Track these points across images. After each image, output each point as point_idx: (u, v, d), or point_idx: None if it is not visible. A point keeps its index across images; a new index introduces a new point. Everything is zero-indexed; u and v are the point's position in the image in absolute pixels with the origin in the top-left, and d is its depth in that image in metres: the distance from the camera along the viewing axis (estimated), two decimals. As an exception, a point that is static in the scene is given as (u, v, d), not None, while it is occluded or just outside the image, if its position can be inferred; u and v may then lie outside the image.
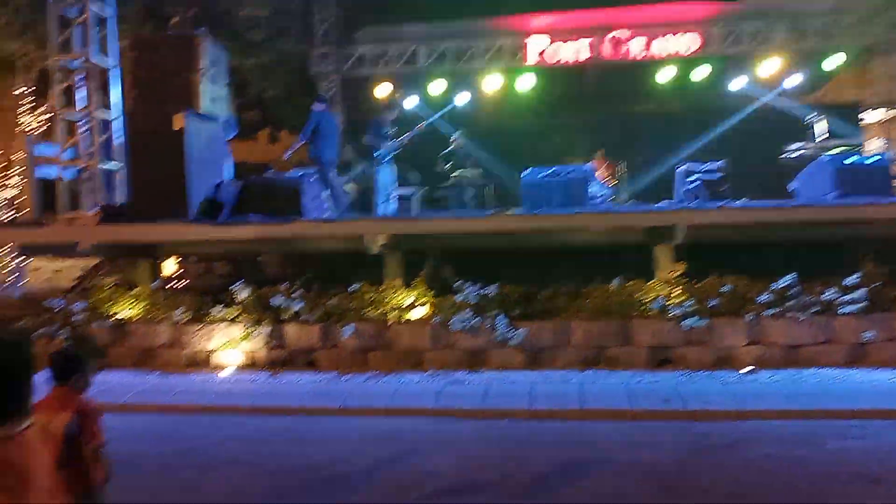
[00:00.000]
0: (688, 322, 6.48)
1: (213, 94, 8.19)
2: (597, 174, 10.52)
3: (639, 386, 6.04)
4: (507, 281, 7.16)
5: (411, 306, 7.16)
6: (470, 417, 5.53)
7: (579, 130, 13.99)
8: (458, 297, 6.96)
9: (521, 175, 8.53)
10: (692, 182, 9.02)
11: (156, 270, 8.37)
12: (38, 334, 7.19)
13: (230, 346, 7.09)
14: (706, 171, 9.00)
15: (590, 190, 8.18)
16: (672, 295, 6.68)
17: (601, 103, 14.28)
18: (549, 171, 8.11)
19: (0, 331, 1.52)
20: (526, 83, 13.06)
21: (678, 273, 6.86)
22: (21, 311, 7.89)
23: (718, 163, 9.23)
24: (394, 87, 13.35)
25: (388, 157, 9.83)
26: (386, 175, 9.88)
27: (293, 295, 7.19)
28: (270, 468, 4.46)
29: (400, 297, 7.20)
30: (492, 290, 6.95)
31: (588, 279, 7.13)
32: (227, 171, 8.77)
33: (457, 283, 7.06)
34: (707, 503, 3.82)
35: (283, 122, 15.07)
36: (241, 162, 9.62)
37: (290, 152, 9.32)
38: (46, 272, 14.68)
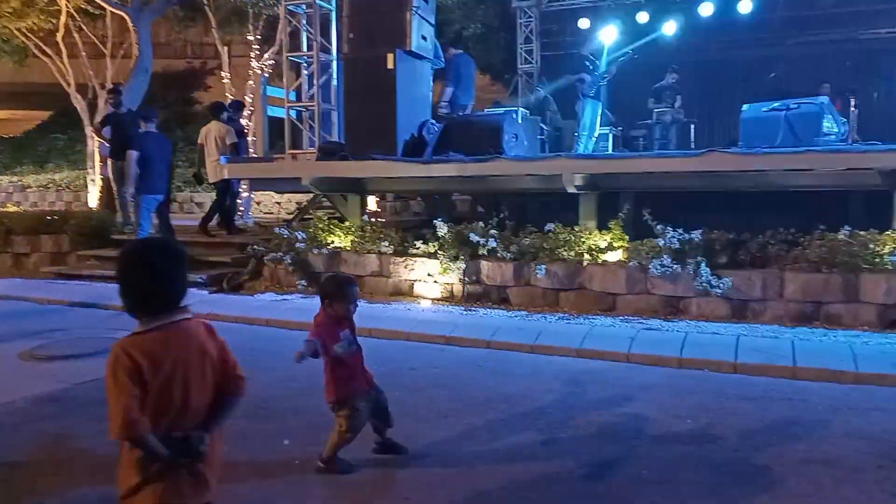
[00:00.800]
0: (932, 279, 5.66)
1: (421, 31, 8.41)
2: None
3: (865, 347, 5.43)
4: (713, 226, 6.72)
5: (606, 249, 7.01)
6: (666, 365, 5.36)
7: (802, 61, 12.50)
8: (658, 241, 6.68)
9: (741, 109, 7.84)
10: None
11: (363, 205, 9.02)
12: (270, 257, 8.16)
13: (429, 278, 7.49)
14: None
15: (824, 127, 7.29)
16: (914, 248, 5.86)
17: (831, 28, 12.56)
18: (776, 105, 7.34)
19: (153, 237, 1.76)
20: (745, 6, 11.82)
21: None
22: (255, 237, 8.97)
23: None
24: (594, 21, 12.82)
25: (592, 93, 9.56)
26: (589, 112, 9.65)
27: (489, 233, 7.36)
28: (469, 394, 4.71)
29: (594, 239, 7.09)
30: (695, 234, 6.58)
31: (808, 227, 6.47)
32: (429, 110, 9.07)
33: (656, 227, 6.77)
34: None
35: (480, 60, 15.17)
36: (437, 102, 9.86)
37: (444, 103, 9.11)
38: (268, 205, 16.47)
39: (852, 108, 10.74)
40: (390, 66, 8.01)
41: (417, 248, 7.62)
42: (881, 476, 3.42)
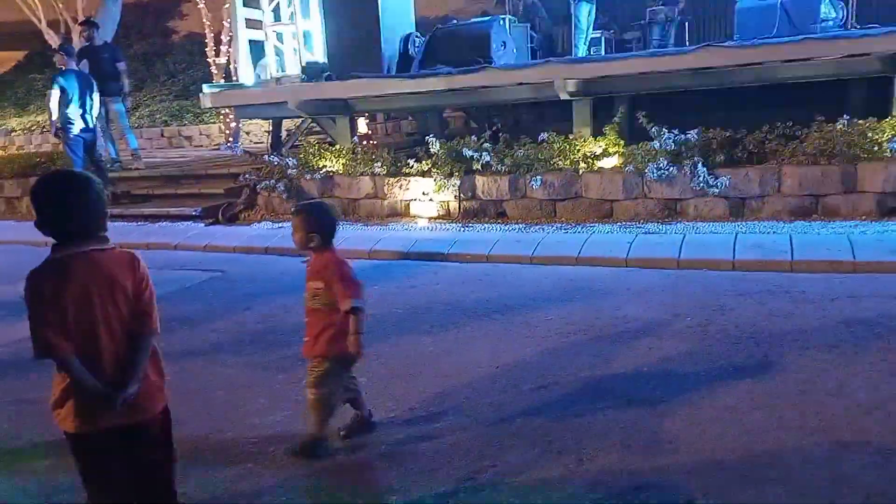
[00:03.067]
0: (932, 164, 5.60)
1: None
2: None
3: (862, 236, 5.44)
4: (710, 124, 6.60)
5: (601, 155, 6.92)
6: (665, 268, 5.39)
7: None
8: (654, 144, 6.57)
9: (736, 1, 7.55)
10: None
11: (353, 127, 8.84)
12: (263, 186, 8.07)
13: (425, 197, 7.43)
14: None
15: (822, 12, 7.05)
16: (915, 133, 5.76)
17: None
18: None
19: (62, 170, 1.79)
20: None
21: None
22: (246, 166, 8.85)
23: None
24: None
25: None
26: (585, 13, 9.33)
27: (482, 147, 7.24)
28: (468, 307, 4.75)
29: (589, 146, 6.98)
30: (692, 135, 6.46)
31: (807, 119, 6.35)
32: (412, 24, 8.76)
33: (651, 130, 6.64)
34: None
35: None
36: (421, 17, 9.50)
37: None
38: (258, 134, 16.14)
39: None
40: (370, -21, 7.67)
41: (411, 168, 7.52)
42: (878, 358, 3.48)
